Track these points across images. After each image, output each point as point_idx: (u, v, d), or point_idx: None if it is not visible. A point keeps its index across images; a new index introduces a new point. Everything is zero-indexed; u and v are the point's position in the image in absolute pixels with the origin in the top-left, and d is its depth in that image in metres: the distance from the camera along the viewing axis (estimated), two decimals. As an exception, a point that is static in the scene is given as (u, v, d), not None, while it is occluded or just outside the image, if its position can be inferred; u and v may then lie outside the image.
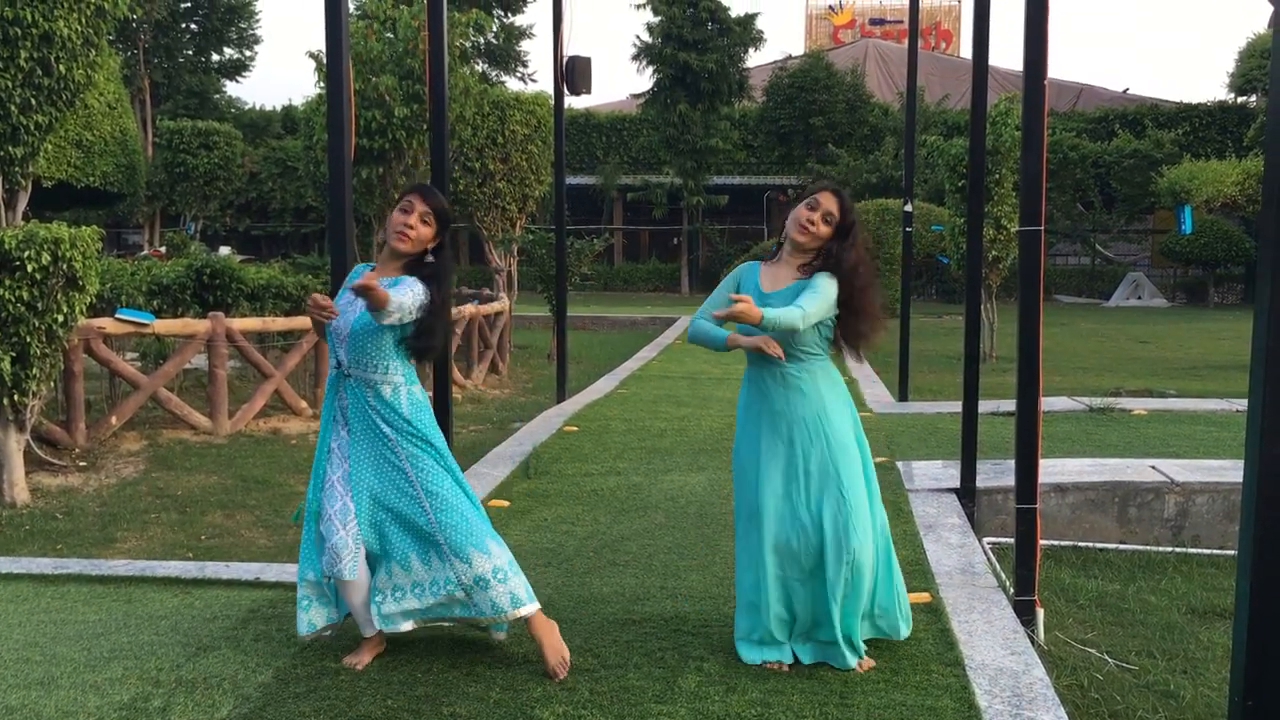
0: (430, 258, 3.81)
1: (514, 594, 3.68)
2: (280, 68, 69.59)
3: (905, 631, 3.92)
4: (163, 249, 21.69)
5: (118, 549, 5.87)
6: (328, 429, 3.85)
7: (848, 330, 3.88)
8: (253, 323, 9.44)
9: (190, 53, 35.88)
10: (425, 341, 3.79)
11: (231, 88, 38.35)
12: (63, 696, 3.53)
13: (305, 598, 3.82)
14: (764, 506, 3.77)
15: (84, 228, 7.14)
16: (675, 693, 3.53)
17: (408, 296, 3.62)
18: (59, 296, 6.80)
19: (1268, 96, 2.30)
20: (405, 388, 3.78)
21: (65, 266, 6.76)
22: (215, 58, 36.84)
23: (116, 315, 8.41)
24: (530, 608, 3.70)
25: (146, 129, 28.33)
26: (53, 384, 7.51)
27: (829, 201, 3.78)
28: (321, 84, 12.99)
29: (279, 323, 9.73)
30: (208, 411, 8.83)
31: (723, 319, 3.56)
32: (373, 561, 3.77)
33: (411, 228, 3.74)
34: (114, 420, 8.27)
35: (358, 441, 3.77)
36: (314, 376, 10.04)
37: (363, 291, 3.41)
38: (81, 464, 7.58)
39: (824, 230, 3.78)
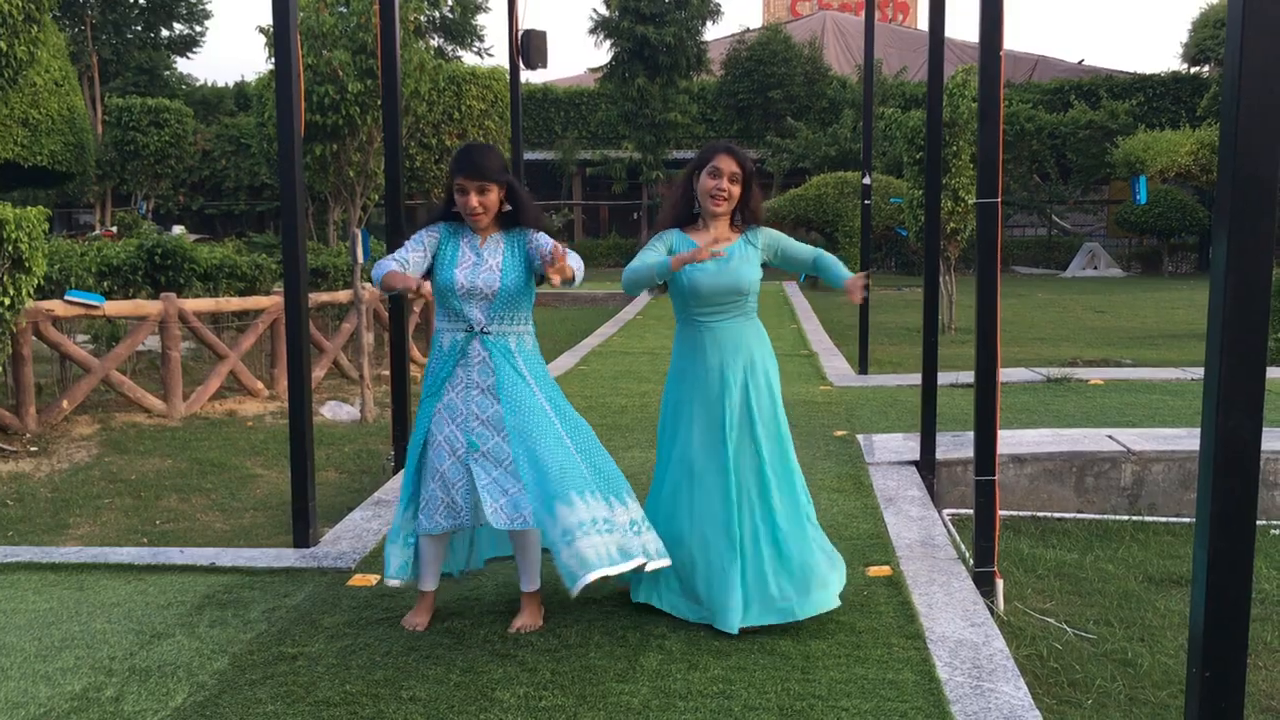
0: (506, 207, 3.95)
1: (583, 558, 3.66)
2: (232, 43, 68.65)
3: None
4: (114, 229, 21.34)
5: (70, 535, 5.78)
6: (464, 395, 3.84)
7: None
8: (206, 303, 9.31)
9: (139, 28, 35.21)
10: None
11: (182, 64, 37.75)
12: (12, 687, 3.46)
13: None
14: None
15: (30, 208, 7.00)
16: (637, 671, 3.51)
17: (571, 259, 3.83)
18: (5, 279, 6.66)
19: (1222, 66, 2.29)
20: (533, 334, 4.04)
21: (10, 248, 6.62)
22: (165, 33, 36.16)
23: (66, 297, 8.25)
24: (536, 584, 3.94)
25: (95, 107, 27.81)
26: (1, 368, 7.37)
27: (728, 163, 3.95)
28: (272, 59, 12.78)
29: (233, 303, 9.60)
30: (161, 394, 8.70)
31: (705, 255, 3.70)
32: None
33: (477, 206, 3.87)
34: (65, 404, 8.13)
35: (508, 395, 3.82)
36: (270, 357, 9.92)
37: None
38: (32, 449, 7.45)
39: (735, 191, 3.97)
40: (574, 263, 3.84)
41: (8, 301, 6.70)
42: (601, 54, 32.64)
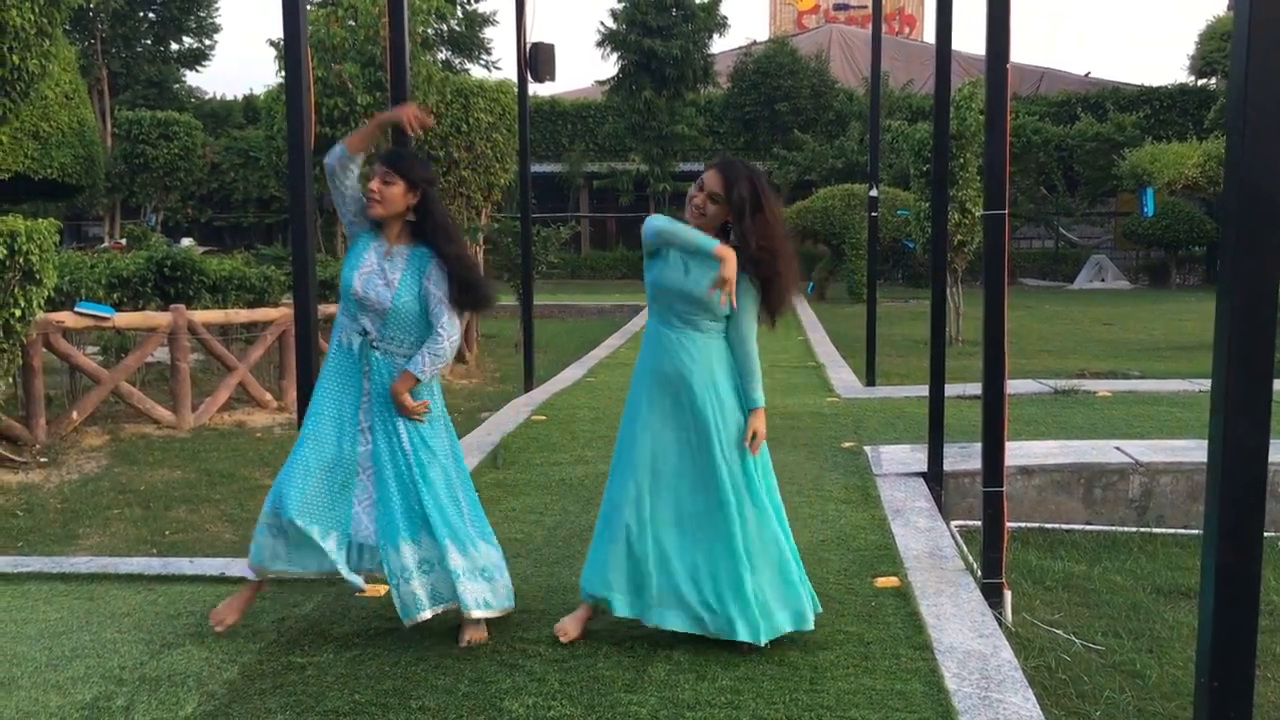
0: (412, 216, 3.92)
1: (482, 597, 3.86)
2: (241, 56, 68.90)
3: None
4: (123, 241, 21.42)
5: (80, 546, 5.80)
6: (353, 400, 3.87)
7: (766, 302, 3.86)
8: (215, 315, 9.34)
9: (149, 42, 35.35)
10: (470, 296, 3.91)
11: (191, 77, 37.90)
12: (23, 697, 3.48)
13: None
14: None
15: (41, 220, 7.03)
16: (645, 681, 3.52)
17: (442, 342, 3.84)
18: (16, 290, 6.70)
19: (1228, 78, 2.30)
20: None
21: (22, 260, 6.66)
22: (174, 47, 36.29)
23: (76, 309, 8.29)
24: (487, 613, 3.87)
25: (105, 120, 27.92)
26: (11, 379, 7.40)
27: (713, 181, 3.74)
28: (282, 72, 12.85)
29: (242, 315, 9.63)
30: (170, 405, 8.73)
31: (719, 286, 3.59)
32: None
33: (375, 191, 3.84)
34: (75, 415, 8.16)
35: (381, 415, 3.86)
36: (278, 369, 9.95)
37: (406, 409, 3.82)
38: (42, 460, 7.47)
39: (712, 209, 3.74)
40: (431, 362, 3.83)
41: (18, 313, 6.73)
42: (608, 67, 32.64)
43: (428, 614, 3.82)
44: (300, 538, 3.82)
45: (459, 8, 34.11)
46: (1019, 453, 6.58)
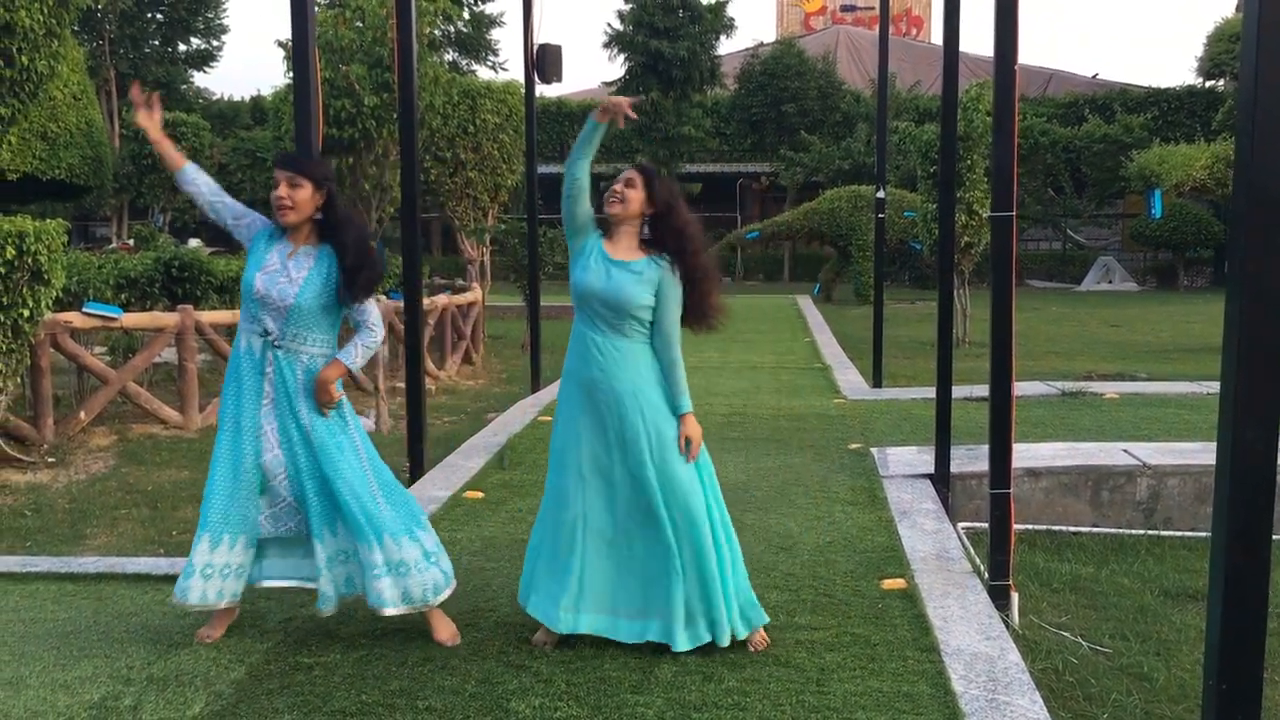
0: (319, 214, 3.91)
1: (393, 594, 3.82)
2: (249, 57, 69.00)
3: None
4: (131, 242, 21.47)
5: (87, 546, 5.81)
6: (252, 404, 3.88)
7: (691, 305, 3.87)
8: (222, 315, 9.35)
9: (156, 43, 35.45)
10: (358, 280, 3.87)
11: (199, 78, 37.94)
12: (32, 696, 3.49)
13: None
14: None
15: (49, 221, 7.05)
16: (652, 682, 3.52)
17: (374, 335, 3.99)
18: (24, 290, 6.71)
19: (1237, 80, 2.30)
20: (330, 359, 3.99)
21: (30, 260, 6.67)
22: (182, 48, 36.40)
23: (84, 309, 8.31)
24: (396, 610, 3.83)
25: (113, 121, 27.98)
26: (19, 379, 7.42)
27: (632, 173, 3.84)
28: (290, 73, 12.87)
29: (249, 315, 9.64)
30: (178, 405, 8.75)
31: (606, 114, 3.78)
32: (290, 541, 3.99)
33: (285, 197, 3.83)
34: (83, 415, 8.17)
35: (285, 415, 3.87)
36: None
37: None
38: (50, 460, 7.49)
39: (631, 194, 3.80)
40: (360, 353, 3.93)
41: (27, 313, 6.75)
42: (615, 68, 32.65)
43: (334, 606, 3.88)
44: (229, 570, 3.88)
45: (466, 9, 34.15)
46: (1026, 455, 6.57)
